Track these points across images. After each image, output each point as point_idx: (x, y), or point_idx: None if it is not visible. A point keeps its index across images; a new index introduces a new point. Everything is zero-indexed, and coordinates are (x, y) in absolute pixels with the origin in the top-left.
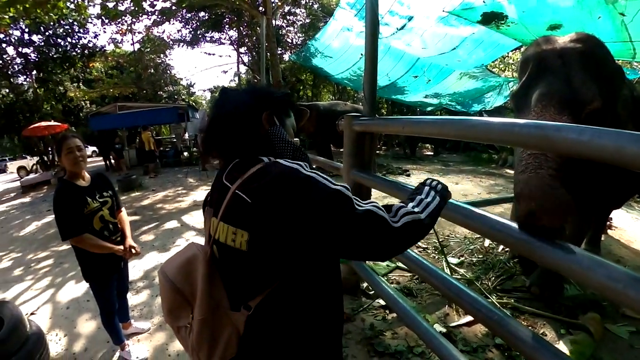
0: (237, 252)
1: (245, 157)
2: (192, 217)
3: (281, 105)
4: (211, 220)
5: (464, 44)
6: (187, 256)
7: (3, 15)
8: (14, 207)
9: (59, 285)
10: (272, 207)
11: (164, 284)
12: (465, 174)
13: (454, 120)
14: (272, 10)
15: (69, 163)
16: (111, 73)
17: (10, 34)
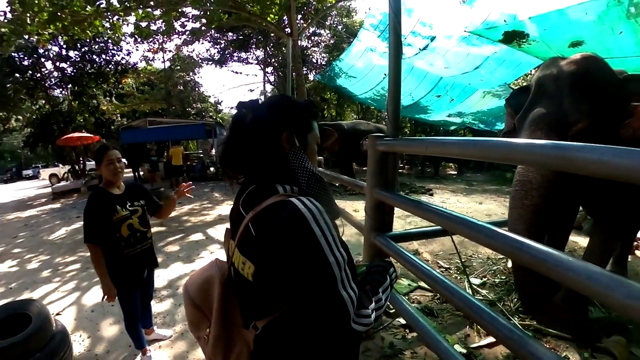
0: (245, 280)
1: (262, 183)
2: (216, 231)
3: (304, 117)
4: (229, 242)
5: (487, 62)
6: (206, 276)
7: (43, 32)
8: (45, 212)
9: (84, 288)
10: (273, 249)
11: (187, 299)
12: (489, 194)
13: (477, 141)
14: (297, 32)
15: (108, 173)
16: (142, 89)
17: (49, 49)
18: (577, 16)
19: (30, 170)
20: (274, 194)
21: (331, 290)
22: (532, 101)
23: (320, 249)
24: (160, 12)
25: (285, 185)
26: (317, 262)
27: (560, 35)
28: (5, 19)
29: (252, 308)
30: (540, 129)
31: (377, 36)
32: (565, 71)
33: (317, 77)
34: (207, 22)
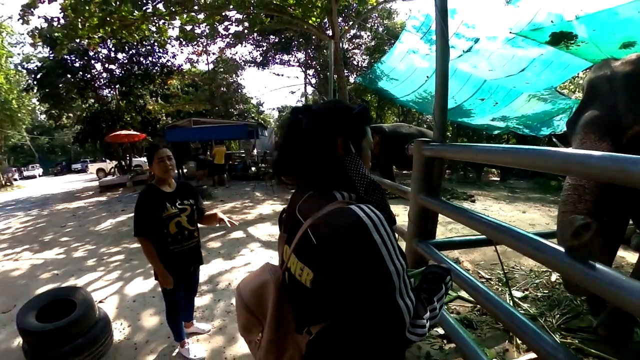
0: (303, 287)
1: (320, 189)
2: (257, 229)
3: (358, 124)
4: (284, 247)
5: (532, 65)
6: (260, 280)
7: (93, 36)
8: (92, 204)
9: (127, 279)
10: (334, 257)
11: (239, 303)
12: (532, 202)
13: (529, 149)
14: (339, 34)
15: (160, 170)
16: (187, 90)
17: (99, 52)
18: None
19: (78, 164)
20: (332, 201)
21: (389, 299)
22: (584, 104)
23: (381, 257)
24: (203, 16)
25: (343, 192)
26: (378, 271)
27: (611, 36)
28: (59, 24)
29: (307, 313)
30: (593, 132)
31: (420, 38)
32: (619, 72)
33: (358, 80)
34: (249, 25)
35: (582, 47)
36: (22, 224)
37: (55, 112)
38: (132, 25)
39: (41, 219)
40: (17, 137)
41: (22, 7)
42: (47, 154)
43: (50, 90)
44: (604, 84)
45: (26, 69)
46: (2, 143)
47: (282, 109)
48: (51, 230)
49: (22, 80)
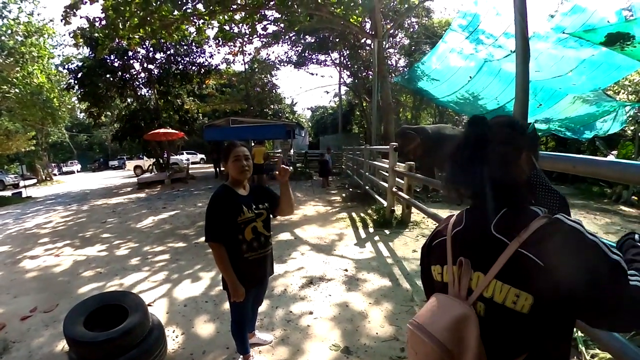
0: (516, 315)
1: (515, 207)
2: (304, 231)
3: (535, 139)
4: (473, 275)
5: (581, 66)
6: (456, 315)
7: (134, 36)
8: (131, 200)
9: (175, 281)
10: (564, 271)
11: (428, 343)
12: (577, 209)
13: None
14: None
15: (235, 170)
16: (223, 90)
17: (138, 52)
18: None
19: (115, 161)
20: (535, 217)
21: (626, 284)
22: None
23: (605, 254)
24: (241, 16)
25: (540, 208)
26: (608, 266)
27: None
28: (100, 25)
29: (511, 345)
30: None
31: (465, 37)
32: None
33: (397, 80)
34: (289, 24)
35: (638, 47)
36: (63, 218)
37: (95, 110)
38: (171, 25)
39: (81, 214)
40: (57, 135)
41: (65, 7)
42: (86, 150)
43: (90, 89)
44: None
45: (67, 69)
46: (43, 140)
47: (315, 109)
48: (92, 226)
49: (62, 80)
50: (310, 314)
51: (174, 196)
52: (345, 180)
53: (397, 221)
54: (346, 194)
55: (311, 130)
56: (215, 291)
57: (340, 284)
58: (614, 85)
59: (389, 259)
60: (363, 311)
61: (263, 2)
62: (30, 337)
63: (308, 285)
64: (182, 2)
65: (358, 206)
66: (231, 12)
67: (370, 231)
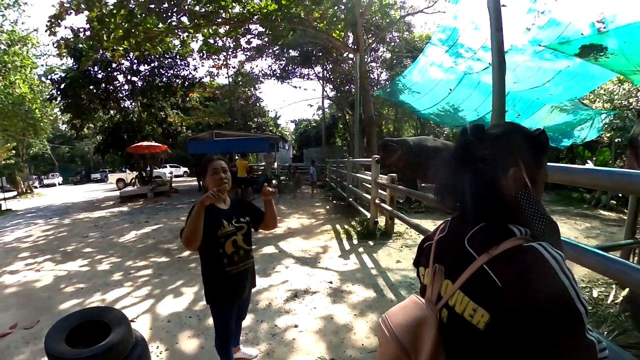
0: (472, 328)
1: (492, 223)
2: (288, 244)
3: (536, 152)
4: (443, 282)
5: (557, 77)
6: (418, 317)
7: (118, 48)
8: (114, 214)
9: (158, 296)
10: (520, 300)
11: (388, 337)
12: (557, 215)
13: (613, 172)
14: (363, 47)
15: (214, 184)
16: (207, 103)
17: (122, 63)
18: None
19: (98, 174)
20: (510, 236)
21: (581, 338)
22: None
23: (571, 299)
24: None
25: (520, 227)
26: (569, 313)
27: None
28: (85, 36)
29: (468, 355)
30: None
31: (445, 51)
32: None
33: (378, 93)
34: (272, 38)
35: (611, 58)
36: (43, 232)
37: (77, 122)
38: (156, 37)
39: (62, 228)
40: (38, 146)
41: (50, 17)
42: (67, 163)
43: (73, 101)
44: None
45: (50, 80)
46: (24, 151)
47: (298, 122)
48: (73, 240)
49: (45, 90)
50: (296, 327)
51: (157, 210)
52: (330, 193)
53: (381, 232)
54: (330, 206)
55: (295, 143)
56: (199, 306)
57: (325, 296)
58: (590, 95)
59: (373, 270)
60: (348, 323)
61: (247, 17)
62: (10, 355)
63: (293, 299)
64: (167, 15)
65: (342, 218)
66: (215, 25)
67: (354, 243)
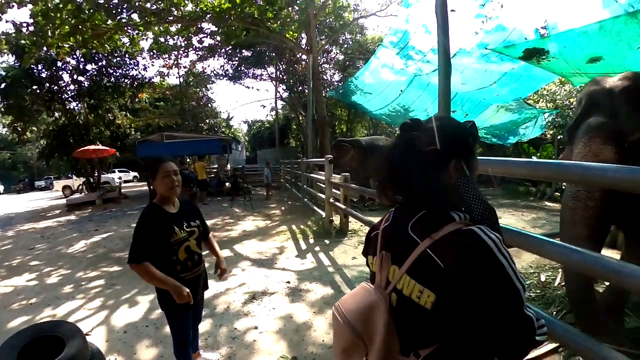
0: (420, 308)
1: (433, 210)
2: (244, 247)
3: (471, 143)
4: (390, 268)
5: (503, 78)
6: (368, 302)
7: (63, 45)
8: (61, 223)
9: (112, 307)
10: (462, 280)
11: (342, 324)
12: (505, 208)
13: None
14: (316, 49)
15: (165, 187)
16: (157, 104)
17: (68, 62)
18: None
19: (42, 181)
20: (450, 221)
21: (520, 313)
22: (584, 113)
23: (509, 277)
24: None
25: (459, 213)
26: (507, 290)
27: (580, 52)
28: (28, 31)
29: (418, 336)
30: (599, 137)
31: (396, 54)
32: (618, 86)
33: (331, 94)
34: (225, 38)
35: (552, 62)
36: None
37: (19, 125)
38: (104, 34)
39: (6, 240)
40: None
41: None
42: (8, 170)
43: (14, 102)
44: (603, 96)
45: None
46: None
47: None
48: (19, 253)
49: None
50: (255, 328)
51: (107, 217)
52: (285, 194)
53: (336, 231)
54: (285, 207)
55: (248, 144)
56: (155, 314)
57: (284, 296)
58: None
59: (330, 267)
60: (308, 321)
61: (200, 15)
62: None
63: (251, 301)
64: (116, 12)
65: (298, 218)
66: (167, 23)
67: (311, 242)
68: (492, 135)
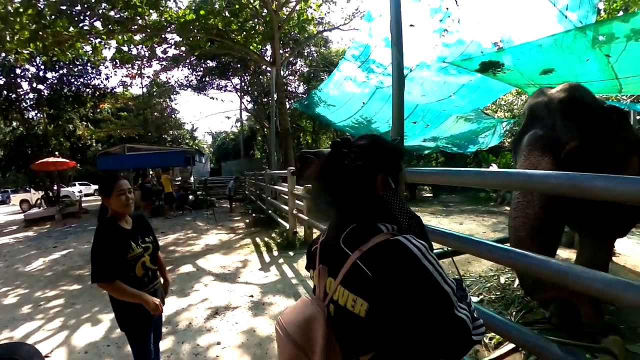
0: (355, 317)
1: (362, 223)
2: (207, 262)
3: (397, 159)
4: (327, 280)
5: (461, 90)
6: (307, 315)
7: (22, 51)
8: (18, 240)
9: (73, 327)
10: (391, 287)
11: (285, 339)
12: (467, 214)
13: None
14: (280, 61)
15: (119, 204)
16: (119, 114)
17: (27, 69)
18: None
19: None
20: (378, 233)
21: (451, 315)
22: (526, 126)
23: (435, 282)
24: (141, 37)
25: (387, 225)
26: (435, 294)
27: (533, 64)
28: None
29: (357, 344)
30: (537, 149)
31: (358, 66)
32: (554, 98)
33: (295, 106)
34: (189, 49)
35: (507, 74)
36: None
37: None
38: (66, 42)
39: None
40: None
41: None
42: None
43: None
44: (542, 108)
45: None
46: None
47: (216, 135)
48: None
49: None
50: (218, 344)
51: (66, 233)
52: (249, 206)
53: (300, 242)
54: (249, 220)
55: (213, 156)
56: (116, 333)
57: (247, 310)
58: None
59: (294, 279)
60: (271, 334)
61: (164, 25)
62: None
63: (214, 316)
64: (79, 19)
65: (262, 231)
66: (130, 32)
67: (275, 254)
68: (453, 145)
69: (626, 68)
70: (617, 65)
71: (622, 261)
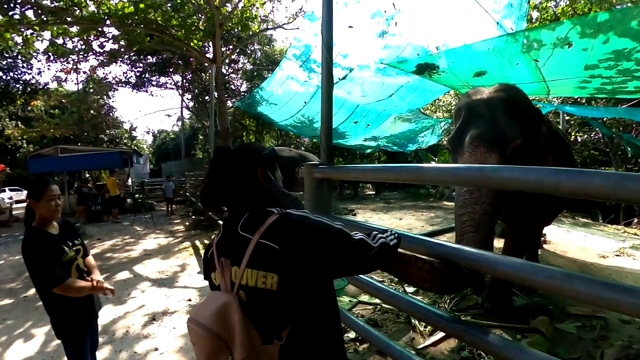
0: (268, 292)
1: (255, 210)
2: (144, 267)
3: (271, 158)
4: (232, 269)
5: (400, 91)
6: (220, 303)
7: None
8: None
9: (5, 343)
10: (297, 249)
11: (200, 332)
12: (406, 210)
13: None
14: (220, 59)
15: (49, 210)
16: (52, 113)
17: None
18: (481, 50)
19: None
20: (270, 215)
21: (351, 241)
22: (465, 124)
23: (327, 225)
24: (77, 30)
25: (275, 208)
26: (331, 233)
27: (466, 67)
28: None
29: (274, 320)
30: (482, 146)
31: (299, 66)
32: (495, 97)
33: (237, 104)
34: (127, 43)
35: (443, 75)
36: None
37: None
38: None
39: None
40: None
41: None
42: None
43: None
44: (482, 107)
45: None
46: None
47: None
48: None
49: None
50: (156, 350)
51: None
52: (189, 208)
53: None
54: (189, 222)
55: (153, 156)
56: (51, 347)
57: (185, 314)
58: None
59: None
60: None
61: (102, 17)
62: None
63: (151, 322)
64: (9, 7)
65: (202, 233)
66: (65, 24)
67: None
68: (393, 144)
69: (553, 72)
70: (544, 69)
71: (553, 248)
